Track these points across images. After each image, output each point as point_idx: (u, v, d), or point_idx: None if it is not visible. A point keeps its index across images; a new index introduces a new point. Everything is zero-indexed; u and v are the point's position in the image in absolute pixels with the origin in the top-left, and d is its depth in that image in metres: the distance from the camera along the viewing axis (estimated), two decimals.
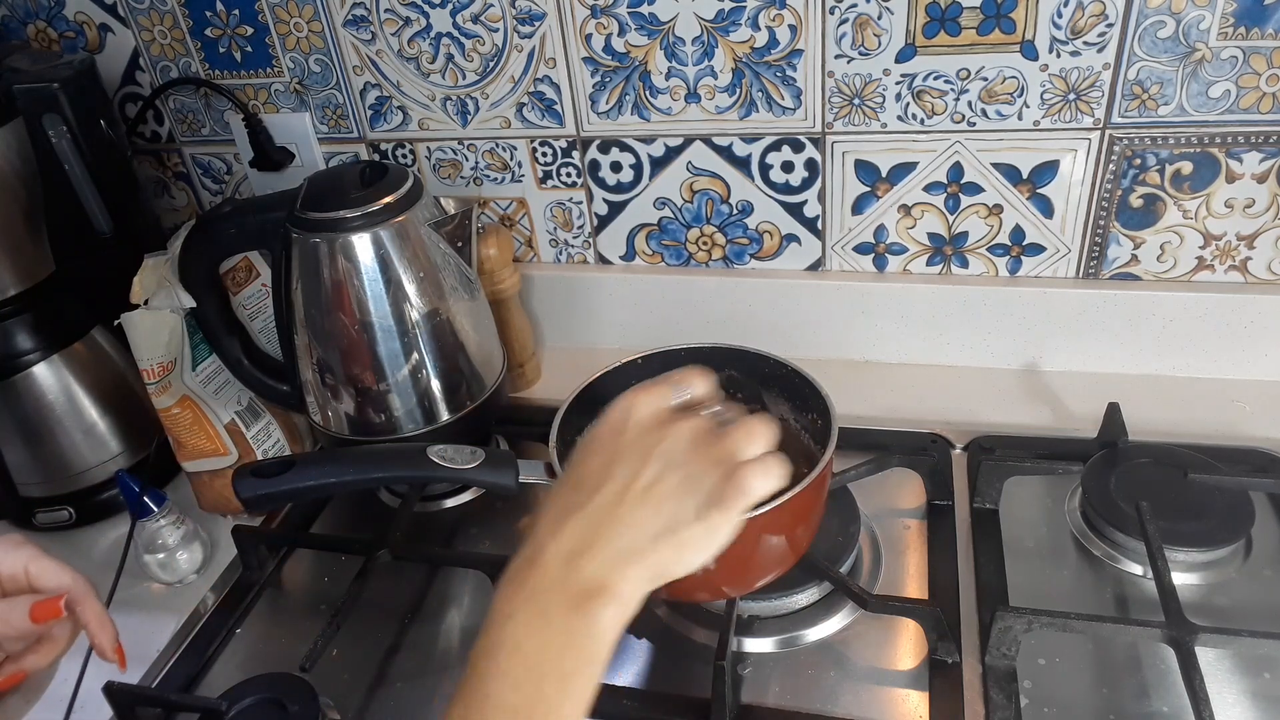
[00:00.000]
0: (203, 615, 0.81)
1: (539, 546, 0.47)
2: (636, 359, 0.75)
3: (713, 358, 0.73)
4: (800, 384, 0.73)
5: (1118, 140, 0.83)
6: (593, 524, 0.47)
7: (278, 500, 0.64)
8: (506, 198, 1.02)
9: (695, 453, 0.49)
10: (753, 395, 0.76)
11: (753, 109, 0.89)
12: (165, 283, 0.85)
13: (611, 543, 0.46)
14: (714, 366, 0.74)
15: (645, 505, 0.47)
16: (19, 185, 0.86)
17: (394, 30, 0.93)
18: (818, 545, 0.74)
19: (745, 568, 0.65)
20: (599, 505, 0.47)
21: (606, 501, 0.47)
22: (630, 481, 0.48)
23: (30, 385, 0.89)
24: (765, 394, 0.76)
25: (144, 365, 0.86)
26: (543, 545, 0.47)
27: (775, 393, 0.76)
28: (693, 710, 0.66)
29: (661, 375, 0.55)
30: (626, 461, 0.48)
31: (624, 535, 0.47)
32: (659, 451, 0.48)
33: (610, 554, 0.46)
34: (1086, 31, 0.78)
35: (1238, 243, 0.86)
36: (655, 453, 0.48)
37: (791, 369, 0.73)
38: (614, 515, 0.47)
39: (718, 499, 0.48)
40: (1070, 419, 0.88)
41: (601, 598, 0.46)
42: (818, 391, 0.71)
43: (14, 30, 1.04)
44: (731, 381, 0.75)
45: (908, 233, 0.93)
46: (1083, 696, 0.64)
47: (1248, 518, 0.73)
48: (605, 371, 0.74)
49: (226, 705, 0.67)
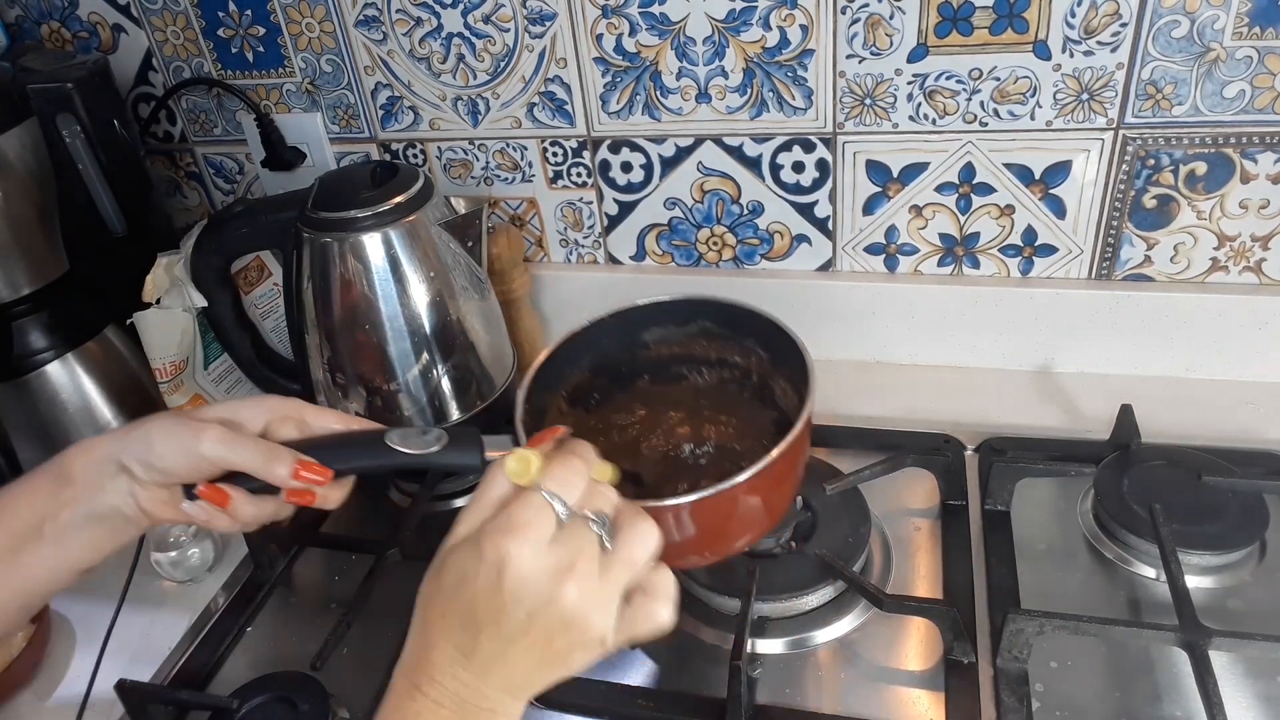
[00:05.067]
0: (214, 614, 0.81)
1: (430, 672, 0.47)
2: (605, 317, 0.72)
3: (683, 309, 0.72)
4: (776, 335, 0.68)
5: (1131, 140, 0.82)
6: (484, 662, 0.46)
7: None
8: (517, 197, 1.02)
9: (587, 594, 0.46)
10: (727, 347, 0.73)
11: (764, 109, 0.89)
12: (177, 282, 0.86)
13: (505, 678, 0.47)
14: (685, 318, 0.73)
15: (537, 648, 0.46)
16: (33, 185, 0.86)
17: (405, 30, 0.94)
18: (830, 545, 0.74)
19: (725, 534, 0.62)
20: (489, 645, 0.46)
21: (496, 642, 0.46)
22: (519, 629, 0.46)
23: (43, 384, 0.89)
24: (740, 344, 0.72)
25: (156, 364, 0.87)
26: (435, 671, 0.47)
27: (751, 343, 0.72)
28: (708, 711, 0.65)
29: (525, 491, 0.49)
30: (510, 611, 0.46)
31: (515, 674, 0.47)
32: (543, 602, 0.46)
33: (504, 687, 0.47)
34: (1100, 31, 0.78)
35: (1252, 244, 0.85)
36: (541, 605, 0.46)
37: (766, 318, 0.69)
38: (506, 657, 0.46)
39: (618, 631, 0.48)
40: (1082, 421, 0.88)
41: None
42: (793, 342, 0.66)
43: (28, 31, 1.05)
44: (705, 332, 0.73)
45: (919, 233, 0.92)
46: (1095, 700, 0.64)
47: (1262, 521, 0.73)
48: (574, 333, 0.71)
49: (237, 703, 0.68)
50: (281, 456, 0.54)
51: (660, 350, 0.75)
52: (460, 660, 0.46)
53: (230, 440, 0.53)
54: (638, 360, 0.75)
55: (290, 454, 0.54)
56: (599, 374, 0.73)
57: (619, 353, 0.73)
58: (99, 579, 0.64)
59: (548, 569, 0.45)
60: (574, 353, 0.71)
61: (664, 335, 0.74)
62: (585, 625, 0.46)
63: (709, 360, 0.75)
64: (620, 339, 0.73)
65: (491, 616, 0.46)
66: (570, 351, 0.71)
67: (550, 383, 0.69)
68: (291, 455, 0.54)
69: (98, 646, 0.69)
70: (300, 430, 0.57)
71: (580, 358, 0.72)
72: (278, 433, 0.56)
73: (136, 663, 0.76)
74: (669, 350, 0.75)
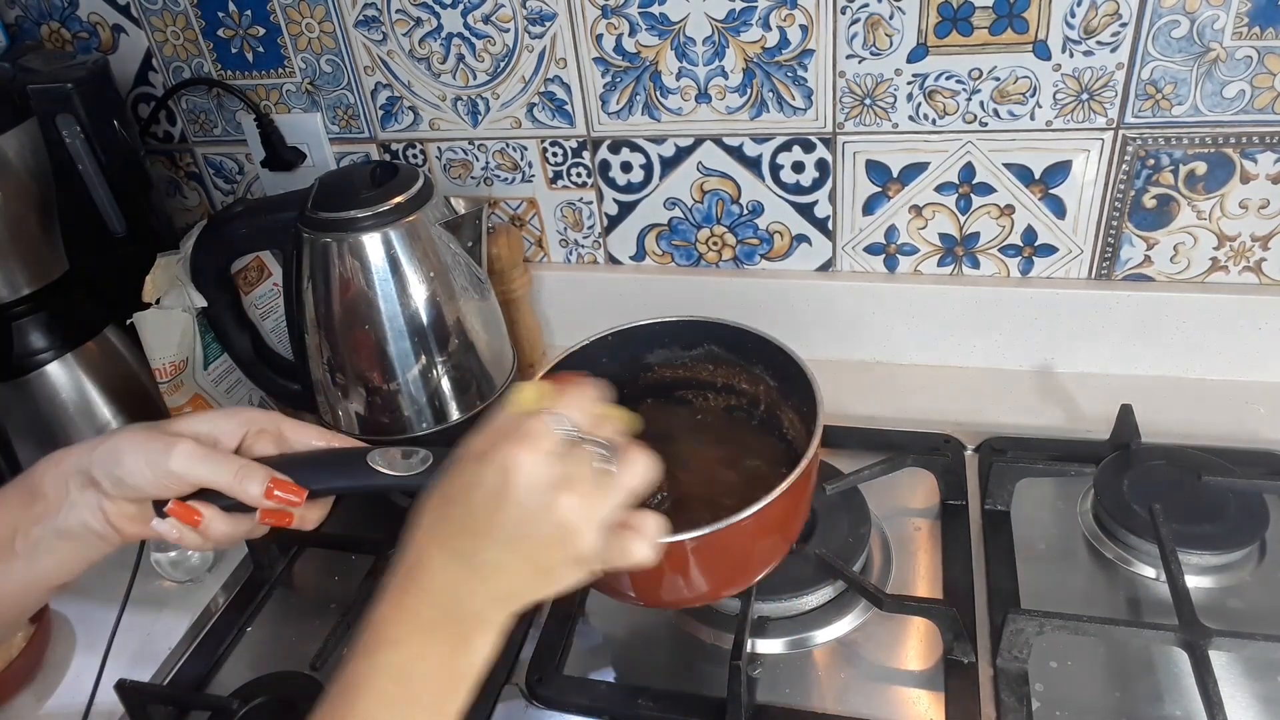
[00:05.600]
0: (214, 614, 0.81)
1: (425, 573, 0.48)
2: (608, 335, 0.72)
3: (691, 331, 0.71)
4: (785, 362, 0.67)
5: (1131, 140, 0.82)
6: (477, 566, 0.47)
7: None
8: (517, 198, 1.02)
9: (582, 507, 0.47)
10: (733, 371, 0.73)
11: (763, 109, 0.89)
12: (177, 282, 0.86)
13: (496, 585, 0.48)
14: (693, 340, 0.72)
15: (528, 557, 0.48)
16: (33, 185, 0.86)
17: (405, 31, 0.94)
18: (829, 546, 0.74)
19: (741, 568, 0.63)
20: (485, 550, 0.47)
21: (492, 548, 0.47)
22: (515, 533, 0.47)
23: (43, 384, 0.89)
24: (748, 370, 0.72)
25: (156, 364, 0.87)
26: (429, 573, 0.48)
27: (760, 369, 0.72)
28: (708, 711, 0.66)
29: (537, 402, 0.50)
30: (510, 512, 0.47)
31: (505, 580, 0.48)
32: (542, 507, 0.47)
33: (494, 593, 0.48)
34: (1100, 31, 0.78)
35: (1252, 244, 0.85)
36: (539, 510, 0.47)
37: (775, 345, 0.68)
38: (499, 562, 0.47)
39: (600, 555, 0.49)
40: (1082, 420, 0.88)
41: (483, 632, 0.48)
42: (803, 371, 0.66)
43: (28, 31, 1.05)
44: (711, 356, 0.72)
45: (919, 233, 0.92)
46: (1095, 699, 0.64)
47: (1262, 521, 0.73)
48: (574, 350, 0.71)
49: (237, 704, 0.68)
50: (254, 474, 0.52)
51: (664, 373, 0.74)
52: (458, 561, 0.47)
53: (201, 456, 0.52)
54: (640, 382, 0.74)
55: (264, 472, 0.53)
56: None
57: (620, 373, 0.72)
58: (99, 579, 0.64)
59: (550, 478, 0.46)
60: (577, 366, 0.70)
61: (669, 357, 0.74)
62: (575, 538, 0.47)
63: (714, 386, 0.74)
64: (622, 358, 0.72)
65: (493, 517, 0.47)
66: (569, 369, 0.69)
67: None
68: (265, 473, 0.53)
69: (98, 647, 0.69)
70: (279, 445, 0.56)
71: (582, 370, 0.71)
72: (254, 448, 0.55)
73: (136, 663, 0.76)
74: (673, 373, 0.75)
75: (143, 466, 0.51)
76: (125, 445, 0.52)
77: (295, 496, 0.53)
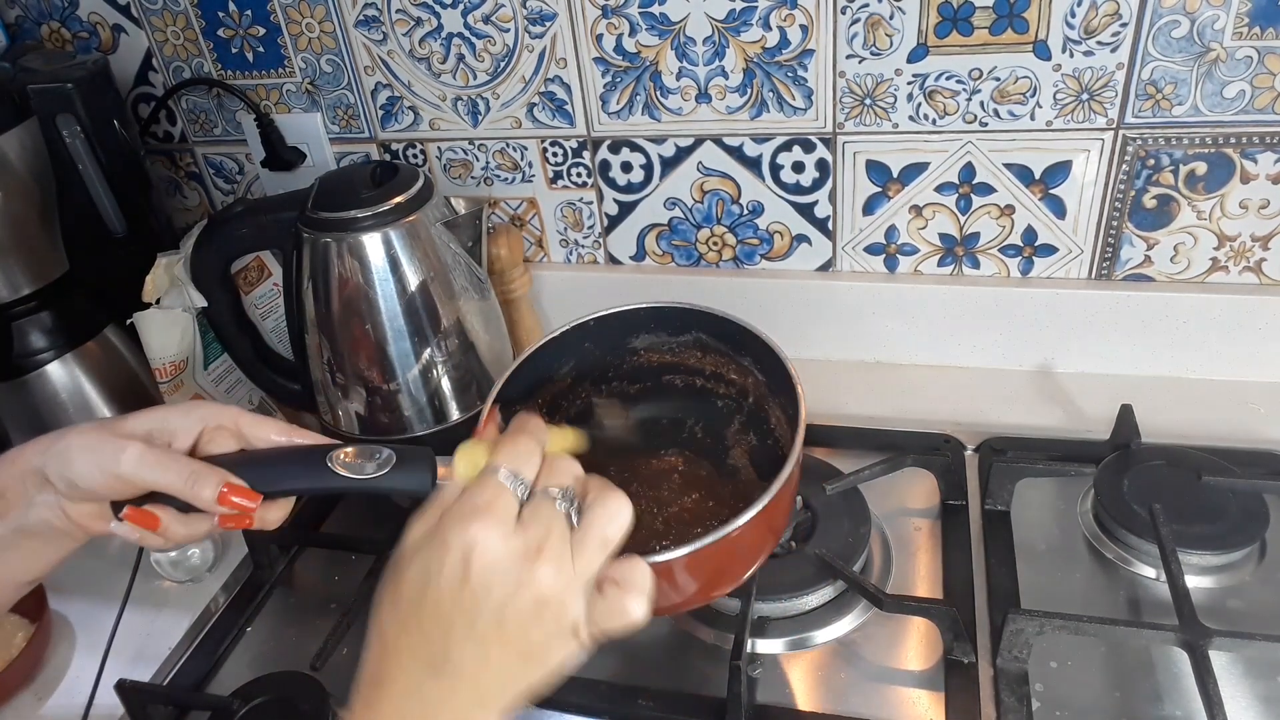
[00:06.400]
0: (214, 613, 0.81)
1: (394, 692, 0.43)
2: (589, 321, 0.70)
3: (679, 318, 0.70)
4: (768, 356, 0.65)
5: (1131, 140, 0.82)
6: (452, 672, 0.42)
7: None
8: (517, 198, 1.02)
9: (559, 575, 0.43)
10: (722, 361, 0.71)
11: (764, 109, 0.89)
12: (177, 282, 0.86)
13: (478, 687, 0.43)
14: (681, 327, 0.71)
15: (510, 643, 0.43)
16: (33, 185, 0.86)
17: (405, 31, 0.94)
18: (829, 545, 0.74)
19: (729, 574, 0.61)
20: (458, 650, 0.42)
21: (466, 645, 0.42)
22: (490, 621, 0.42)
23: (43, 384, 0.89)
24: (737, 361, 0.70)
25: (156, 364, 0.87)
26: (400, 692, 0.43)
27: (749, 361, 0.70)
28: (708, 710, 0.65)
29: (484, 469, 0.46)
30: (479, 600, 0.42)
31: (489, 678, 0.43)
32: (515, 586, 0.42)
33: (477, 698, 0.43)
34: (1100, 31, 0.78)
35: (1252, 244, 0.85)
36: (512, 590, 0.42)
37: (764, 341, 0.65)
38: (479, 658, 0.42)
39: (591, 620, 0.45)
40: (1083, 420, 0.88)
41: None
42: (784, 367, 0.63)
43: (28, 31, 1.05)
44: (700, 344, 0.71)
45: (919, 233, 0.92)
46: (1095, 700, 0.64)
47: (1262, 521, 0.73)
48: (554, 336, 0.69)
49: (237, 704, 0.68)
50: (206, 478, 0.49)
51: (650, 357, 0.73)
52: (428, 675, 0.42)
53: (151, 460, 0.49)
54: (626, 366, 0.73)
55: (217, 475, 0.50)
56: (580, 383, 0.72)
57: (605, 357, 0.71)
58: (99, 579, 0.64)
59: (516, 551, 0.42)
60: (552, 359, 0.69)
61: (655, 342, 0.72)
62: (560, 610, 0.43)
63: (703, 372, 0.73)
64: (606, 345, 0.71)
65: (461, 613, 0.42)
66: (548, 357, 0.68)
67: (525, 391, 0.67)
68: (218, 477, 0.50)
69: (98, 647, 0.69)
70: (238, 441, 0.53)
71: (560, 364, 0.70)
72: (212, 444, 0.53)
73: (136, 663, 0.76)
74: (660, 358, 0.73)
75: (93, 469, 0.49)
76: (76, 447, 0.50)
77: (249, 501, 0.50)
